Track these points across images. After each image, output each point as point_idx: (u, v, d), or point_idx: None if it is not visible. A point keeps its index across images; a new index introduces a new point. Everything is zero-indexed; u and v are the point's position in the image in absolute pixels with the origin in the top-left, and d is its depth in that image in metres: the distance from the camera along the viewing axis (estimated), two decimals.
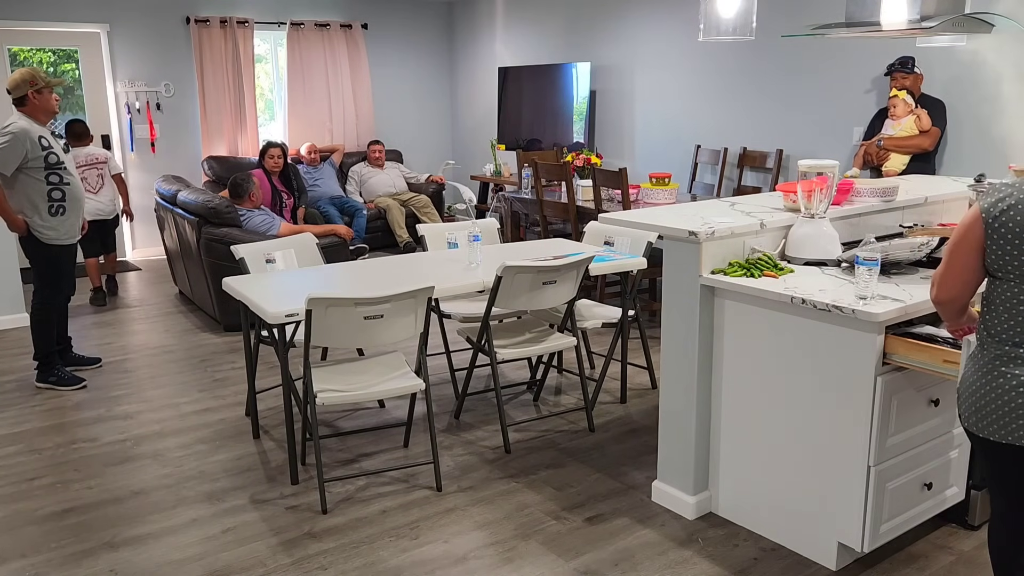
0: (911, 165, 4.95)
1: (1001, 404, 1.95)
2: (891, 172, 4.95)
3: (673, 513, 3.11)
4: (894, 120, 4.96)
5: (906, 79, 4.99)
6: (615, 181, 5.26)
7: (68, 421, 4.08)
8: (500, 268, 3.41)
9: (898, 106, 4.91)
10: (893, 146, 4.95)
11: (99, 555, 2.89)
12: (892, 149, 4.96)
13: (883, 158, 5.00)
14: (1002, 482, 2.06)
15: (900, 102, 4.91)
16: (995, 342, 1.98)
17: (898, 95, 4.91)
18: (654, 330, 5.37)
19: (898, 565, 2.75)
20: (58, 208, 4.32)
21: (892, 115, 4.96)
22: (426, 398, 3.37)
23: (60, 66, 7.68)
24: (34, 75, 4.24)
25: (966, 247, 1.98)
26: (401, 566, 2.80)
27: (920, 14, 3.52)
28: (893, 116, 4.96)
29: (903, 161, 4.95)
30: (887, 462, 2.59)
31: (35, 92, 4.24)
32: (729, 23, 3.88)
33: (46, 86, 4.27)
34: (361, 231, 7.85)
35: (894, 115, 4.94)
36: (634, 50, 7.31)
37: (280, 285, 3.51)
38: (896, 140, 4.94)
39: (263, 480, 3.43)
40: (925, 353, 2.43)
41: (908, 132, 4.91)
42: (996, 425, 1.96)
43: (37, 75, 4.25)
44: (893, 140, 4.94)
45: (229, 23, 8.18)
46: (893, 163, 4.97)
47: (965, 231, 1.97)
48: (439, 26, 9.60)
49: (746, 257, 2.98)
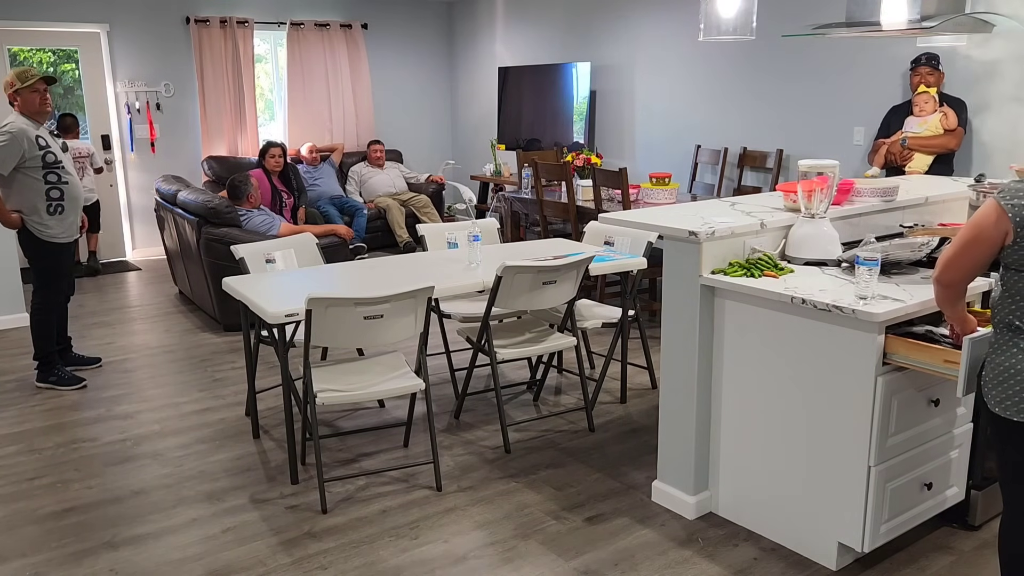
0: (933, 167, 4.76)
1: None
2: (915, 173, 4.74)
3: (673, 513, 3.11)
4: (920, 118, 4.76)
5: (931, 75, 4.82)
6: (615, 181, 5.26)
7: (68, 421, 4.08)
8: (500, 268, 3.41)
9: (929, 103, 4.71)
10: (918, 145, 4.75)
11: (99, 555, 2.89)
12: (917, 149, 4.76)
13: (906, 158, 4.80)
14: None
15: (930, 99, 4.71)
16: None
17: (928, 91, 4.72)
18: (654, 330, 5.37)
19: (898, 565, 2.75)
20: (56, 207, 4.32)
21: (919, 112, 4.76)
22: (426, 398, 3.37)
23: (60, 66, 7.68)
24: (20, 73, 4.22)
25: (985, 243, 2.04)
26: (401, 566, 2.80)
27: (920, 14, 3.53)
28: (920, 113, 4.76)
29: (927, 162, 4.75)
30: (887, 462, 2.59)
31: (14, 94, 4.22)
32: (729, 23, 3.88)
33: (24, 86, 4.22)
34: (361, 231, 7.85)
35: (922, 112, 4.74)
36: (634, 50, 7.31)
37: (280, 285, 3.51)
38: (921, 139, 4.74)
39: (263, 480, 3.43)
40: (925, 353, 2.43)
41: (934, 131, 4.72)
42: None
43: (23, 73, 4.22)
44: (918, 139, 4.75)
45: (229, 23, 8.18)
46: (917, 163, 4.76)
47: (985, 227, 2.02)
48: (439, 26, 9.60)
49: (746, 257, 2.98)
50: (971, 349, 2.22)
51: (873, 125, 5.53)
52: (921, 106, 4.77)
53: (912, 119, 4.85)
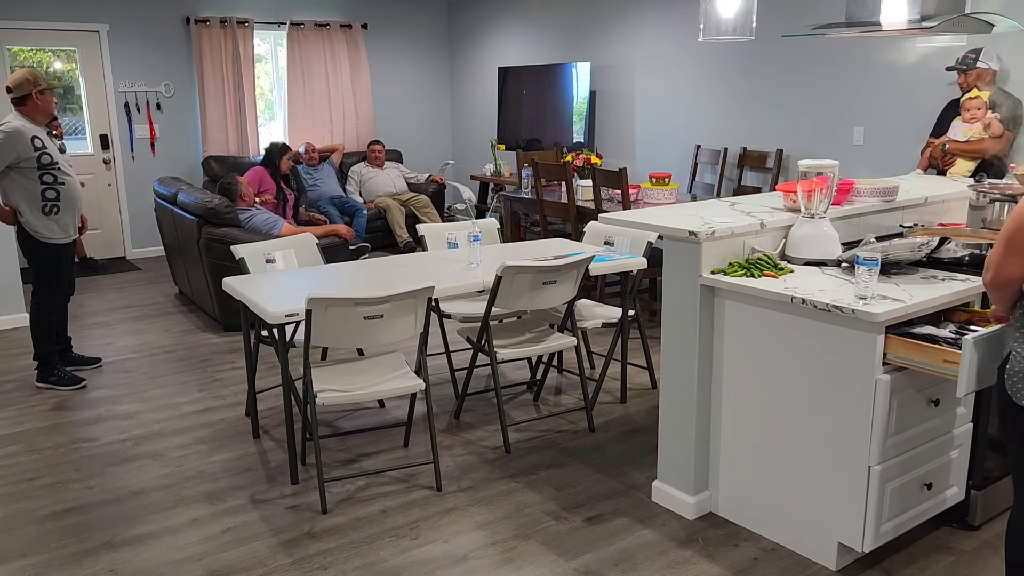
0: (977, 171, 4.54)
1: None
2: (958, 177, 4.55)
3: (673, 513, 3.11)
4: (967, 124, 4.59)
5: (968, 76, 4.66)
6: (615, 181, 5.26)
7: (68, 421, 4.08)
8: (500, 268, 3.41)
9: (980, 109, 4.51)
10: (958, 151, 4.60)
11: (99, 555, 2.89)
12: (957, 153, 4.61)
13: (948, 163, 4.65)
14: None
15: (982, 104, 4.52)
16: None
17: (980, 95, 4.53)
18: (654, 330, 5.37)
19: (898, 565, 2.75)
20: (52, 207, 4.33)
21: (969, 118, 4.57)
22: (426, 398, 3.37)
23: (64, 66, 7.67)
24: (37, 76, 4.27)
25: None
26: (401, 566, 2.80)
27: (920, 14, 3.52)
28: (971, 120, 4.57)
29: (969, 168, 4.57)
30: (887, 462, 2.59)
31: (38, 93, 4.26)
32: (729, 23, 3.88)
33: (48, 88, 4.30)
34: (361, 231, 7.85)
35: (973, 118, 4.54)
36: (634, 50, 7.31)
37: (280, 285, 3.51)
38: (962, 145, 4.58)
39: (263, 480, 3.43)
40: (925, 353, 2.43)
41: (977, 136, 4.55)
42: None
43: (39, 76, 4.28)
44: (959, 145, 4.59)
45: (229, 23, 8.18)
46: (958, 169, 4.60)
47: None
48: (439, 26, 9.60)
49: (746, 257, 2.98)
50: (972, 349, 2.22)
51: (873, 125, 5.53)
52: (972, 112, 4.55)
53: (957, 124, 4.67)
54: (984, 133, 4.53)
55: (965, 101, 4.60)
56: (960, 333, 2.52)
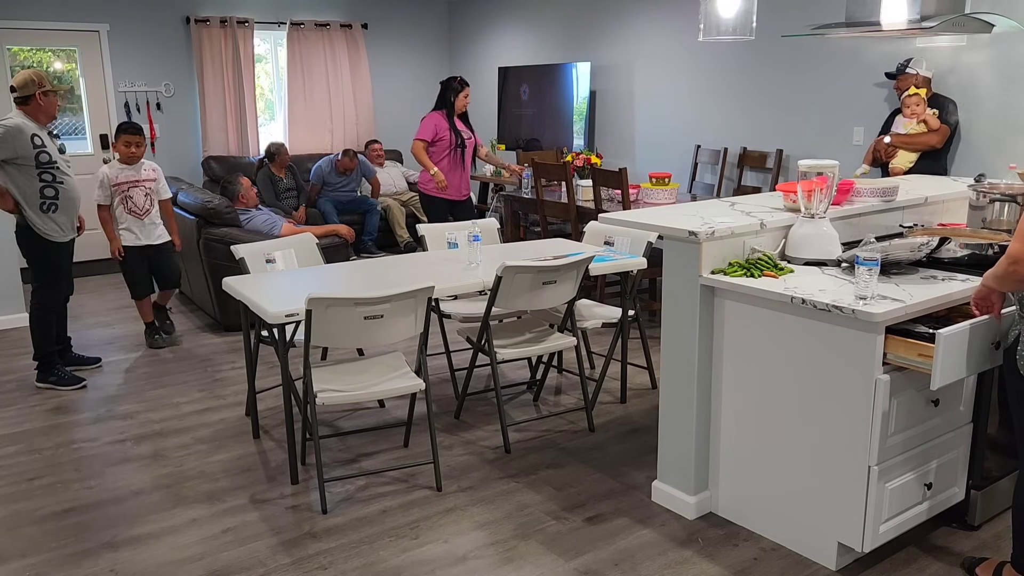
0: (920, 164, 4.92)
1: None
2: (897, 169, 4.92)
3: (673, 513, 3.11)
4: (906, 118, 4.94)
5: (900, 81, 5.04)
6: (615, 181, 5.26)
7: (68, 421, 4.08)
8: (500, 268, 3.41)
9: (920, 104, 4.85)
10: (901, 143, 4.93)
11: (99, 555, 2.89)
12: (900, 146, 4.94)
13: (891, 155, 4.98)
14: None
15: (920, 100, 4.85)
16: None
17: (918, 92, 4.86)
18: (654, 330, 5.37)
19: (898, 565, 2.75)
20: (50, 205, 4.36)
21: (909, 114, 4.91)
22: (426, 398, 3.37)
23: (64, 66, 7.67)
24: (42, 77, 4.30)
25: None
26: (401, 566, 2.80)
27: (920, 14, 3.53)
28: (906, 115, 4.93)
29: (910, 159, 4.93)
30: (887, 462, 2.59)
31: (42, 94, 4.28)
32: (729, 23, 3.88)
33: (52, 90, 4.32)
34: (373, 230, 7.85)
35: (913, 114, 4.88)
36: (634, 50, 7.31)
37: (280, 285, 3.51)
38: (904, 137, 4.92)
39: (263, 480, 3.43)
40: (903, 347, 2.44)
41: (917, 130, 4.90)
42: None
43: (44, 78, 4.30)
44: (901, 137, 4.93)
45: (229, 23, 8.18)
46: (900, 160, 4.95)
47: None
48: (439, 26, 9.60)
49: (746, 257, 2.98)
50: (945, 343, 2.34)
51: (873, 125, 5.53)
52: (912, 108, 4.89)
53: (900, 119, 5.00)
54: (922, 127, 4.86)
55: (905, 99, 4.93)
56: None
